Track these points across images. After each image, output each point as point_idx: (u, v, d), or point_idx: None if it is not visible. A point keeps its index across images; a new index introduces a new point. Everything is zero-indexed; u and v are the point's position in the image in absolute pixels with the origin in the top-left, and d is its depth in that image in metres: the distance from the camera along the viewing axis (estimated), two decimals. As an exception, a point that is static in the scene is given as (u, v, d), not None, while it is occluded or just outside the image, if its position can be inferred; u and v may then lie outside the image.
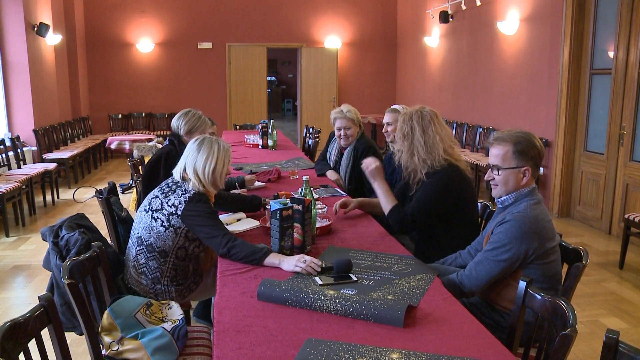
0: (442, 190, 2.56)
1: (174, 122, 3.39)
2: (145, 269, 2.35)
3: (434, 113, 2.67)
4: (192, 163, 2.32)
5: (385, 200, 2.67)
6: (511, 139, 2.07)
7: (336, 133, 3.97)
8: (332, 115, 3.94)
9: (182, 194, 2.31)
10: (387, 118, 3.44)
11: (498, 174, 2.10)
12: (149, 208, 2.36)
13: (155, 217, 2.32)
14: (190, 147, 2.38)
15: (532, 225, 1.98)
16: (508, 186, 2.09)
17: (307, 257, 2.07)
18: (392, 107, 3.47)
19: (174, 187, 2.37)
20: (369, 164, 2.73)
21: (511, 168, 2.07)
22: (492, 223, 2.22)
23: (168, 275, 2.37)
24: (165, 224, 2.30)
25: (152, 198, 2.39)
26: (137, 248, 2.37)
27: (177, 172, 2.39)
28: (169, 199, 2.32)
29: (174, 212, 2.29)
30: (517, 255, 1.98)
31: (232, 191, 3.33)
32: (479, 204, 2.83)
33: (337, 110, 3.90)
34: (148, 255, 2.34)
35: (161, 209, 2.32)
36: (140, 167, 4.16)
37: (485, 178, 2.20)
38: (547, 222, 2.03)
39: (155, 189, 2.43)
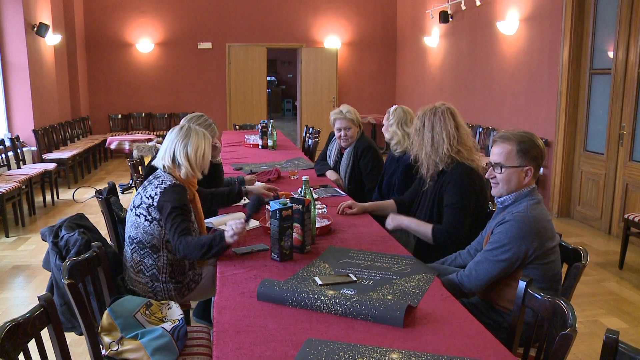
0: (465, 189, 2.57)
1: (184, 122, 3.40)
2: (142, 266, 2.37)
3: (447, 110, 2.67)
4: (182, 150, 2.38)
5: (423, 230, 2.62)
6: (515, 138, 2.08)
7: (336, 134, 3.97)
8: (331, 116, 3.94)
9: (157, 185, 2.34)
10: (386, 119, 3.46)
11: (500, 172, 2.10)
12: (133, 206, 2.40)
13: (138, 214, 2.35)
14: (176, 136, 2.41)
15: (532, 226, 1.98)
16: (510, 185, 2.09)
17: (233, 223, 2.16)
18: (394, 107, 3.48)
19: (152, 179, 2.41)
20: (388, 223, 2.74)
21: (514, 167, 2.07)
22: (492, 223, 2.22)
23: (165, 271, 2.37)
24: (148, 217, 2.32)
25: (135, 195, 2.43)
26: (130, 247, 2.39)
27: (163, 160, 2.41)
28: (147, 192, 2.36)
29: (151, 203, 2.32)
30: (517, 256, 1.99)
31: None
32: None
33: (337, 111, 3.91)
34: (141, 252, 2.36)
35: (141, 204, 2.35)
36: (140, 167, 4.16)
37: (487, 176, 2.20)
38: (547, 222, 2.03)
39: (140, 186, 2.46)
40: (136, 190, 4.17)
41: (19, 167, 6.37)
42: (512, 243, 1.98)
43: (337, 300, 1.72)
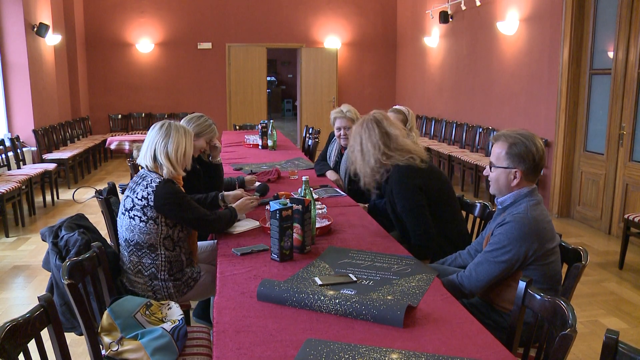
0: (407, 189, 2.56)
1: (184, 122, 3.40)
2: (140, 267, 2.37)
3: (372, 120, 2.68)
4: (163, 150, 2.37)
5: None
6: (508, 140, 2.09)
7: (336, 133, 3.97)
8: (332, 115, 3.95)
9: (147, 185, 2.34)
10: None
11: (491, 171, 2.15)
12: (124, 209, 2.39)
13: (132, 216, 2.34)
14: (156, 135, 2.39)
15: (531, 227, 1.98)
16: (499, 184, 2.13)
17: (245, 199, 2.71)
18: (394, 107, 3.47)
19: (139, 180, 2.40)
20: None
21: (502, 167, 2.10)
22: (492, 224, 2.22)
23: (164, 269, 2.38)
24: (144, 218, 2.32)
25: (124, 199, 2.42)
26: (127, 250, 2.39)
27: (145, 160, 2.42)
28: (137, 193, 2.35)
29: (145, 204, 2.32)
30: (517, 257, 1.99)
31: (230, 192, 3.32)
32: (477, 204, 2.83)
33: (337, 110, 3.91)
34: (139, 253, 2.36)
35: (134, 206, 2.34)
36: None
37: (484, 173, 2.23)
38: (546, 223, 2.03)
39: (127, 189, 2.46)
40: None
41: (19, 167, 6.37)
42: (512, 244, 1.98)
43: (337, 301, 1.72)
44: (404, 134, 2.72)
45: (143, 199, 2.32)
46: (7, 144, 6.37)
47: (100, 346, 1.92)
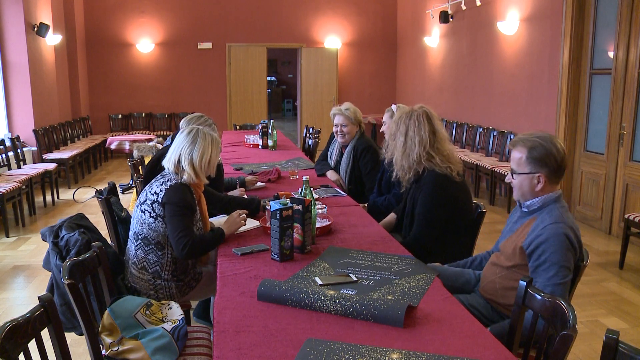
0: (434, 199, 2.54)
1: (183, 122, 3.41)
2: (145, 263, 2.38)
3: (423, 113, 2.62)
4: (187, 156, 2.37)
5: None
6: (527, 144, 2.03)
7: (334, 129, 4.00)
8: (332, 111, 4.00)
9: (163, 182, 2.36)
10: (385, 118, 3.47)
11: (514, 178, 2.10)
12: (139, 202, 2.41)
13: (143, 210, 2.36)
14: (183, 140, 2.39)
15: (574, 236, 1.95)
16: (523, 191, 2.08)
17: (235, 215, 2.47)
18: (391, 107, 3.47)
19: (159, 177, 2.43)
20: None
21: (525, 174, 2.05)
22: (514, 225, 2.17)
23: (168, 269, 2.38)
24: (153, 214, 2.34)
25: (142, 192, 2.45)
26: (135, 243, 2.40)
27: (168, 163, 2.41)
28: (152, 188, 2.38)
29: (155, 199, 2.33)
30: (572, 265, 1.95)
31: (231, 192, 3.33)
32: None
33: (337, 107, 3.96)
34: (146, 248, 2.37)
35: (146, 200, 2.36)
36: (140, 167, 4.16)
37: (506, 180, 2.19)
38: (577, 229, 2.00)
39: (147, 185, 2.48)
40: (137, 190, 4.18)
41: (19, 167, 6.37)
42: (567, 259, 1.92)
43: (338, 301, 1.72)
44: (447, 137, 2.66)
45: (155, 194, 2.34)
46: (8, 143, 6.37)
47: (101, 346, 1.92)
